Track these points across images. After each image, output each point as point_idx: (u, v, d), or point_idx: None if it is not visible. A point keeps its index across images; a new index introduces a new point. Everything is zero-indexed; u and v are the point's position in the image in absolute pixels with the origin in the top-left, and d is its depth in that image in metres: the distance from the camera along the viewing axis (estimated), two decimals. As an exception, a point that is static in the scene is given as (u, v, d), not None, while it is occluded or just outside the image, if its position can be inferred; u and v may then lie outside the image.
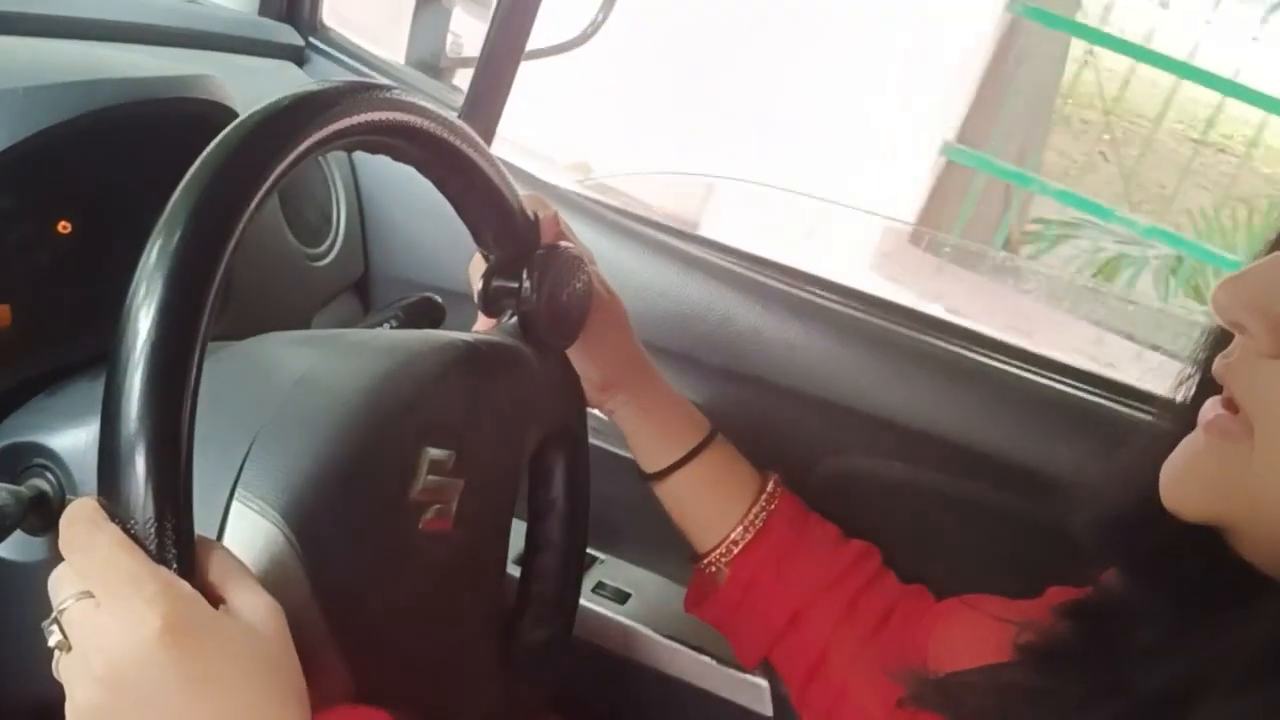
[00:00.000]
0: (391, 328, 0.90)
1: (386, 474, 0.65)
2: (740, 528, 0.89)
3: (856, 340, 1.01)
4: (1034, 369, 0.99)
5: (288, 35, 1.16)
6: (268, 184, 0.53)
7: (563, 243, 0.81)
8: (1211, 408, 0.53)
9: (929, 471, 1.00)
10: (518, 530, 0.85)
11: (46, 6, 0.85)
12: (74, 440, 0.66)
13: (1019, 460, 0.96)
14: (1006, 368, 0.99)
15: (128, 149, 0.73)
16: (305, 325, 0.99)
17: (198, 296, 0.49)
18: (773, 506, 0.90)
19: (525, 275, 0.78)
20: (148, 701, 0.47)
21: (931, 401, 0.99)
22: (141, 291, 0.48)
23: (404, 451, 0.66)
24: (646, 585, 1.11)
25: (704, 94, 4.29)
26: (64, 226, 0.75)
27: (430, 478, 0.67)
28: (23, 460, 0.67)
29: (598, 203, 1.11)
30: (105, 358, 0.48)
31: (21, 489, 0.63)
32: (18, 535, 0.63)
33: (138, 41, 0.92)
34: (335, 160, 1.07)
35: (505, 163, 0.77)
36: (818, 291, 1.05)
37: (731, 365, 1.04)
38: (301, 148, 0.55)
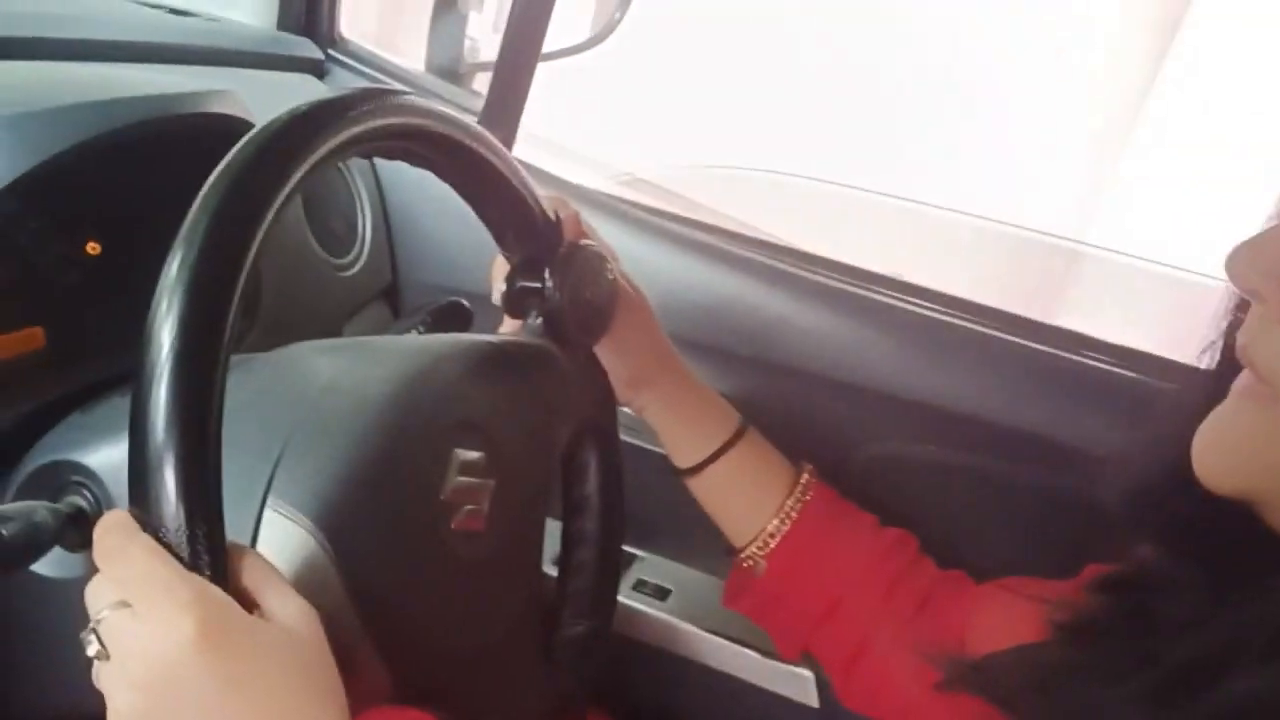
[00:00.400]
0: (419, 333, 0.91)
1: (416, 476, 0.65)
2: (775, 520, 0.89)
3: (884, 324, 1.01)
4: (1061, 345, 0.98)
5: (307, 49, 1.17)
6: (285, 192, 0.53)
7: (585, 241, 0.81)
8: (1247, 376, 0.53)
9: (964, 453, 0.99)
10: (555, 529, 0.85)
11: (66, 30, 0.86)
12: (109, 456, 0.67)
13: (1052, 436, 0.95)
14: (1033, 345, 0.99)
15: (151, 167, 0.74)
16: (335, 335, 1.00)
17: (219, 305, 0.49)
18: (807, 497, 0.90)
19: (548, 275, 0.78)
20: (186, 705, 0.47)
21: (962, 382, 0.98)
22: (164, 304, 0.49)
23: (433, 453, 0.66)
24: (687, 581, 1.11)
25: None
26: (93, 246, 0.76)
27: (461, 478, 0.67)
28: (60, 478, 0.68)
29: (621, 200, 1.11)
30: None
31: (59, 506, 0.64)
32: (57, 551, 0.64)
33: (159, 61, 0.93)
34: (359, 169, 1.08)
35: (525, 164, 0.77)
36: (843, 278, 1.05)
37: (762, 355, 1.03)
38: (316, 155, 0.55)
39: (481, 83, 1.33)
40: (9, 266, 0.72)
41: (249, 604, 0.50)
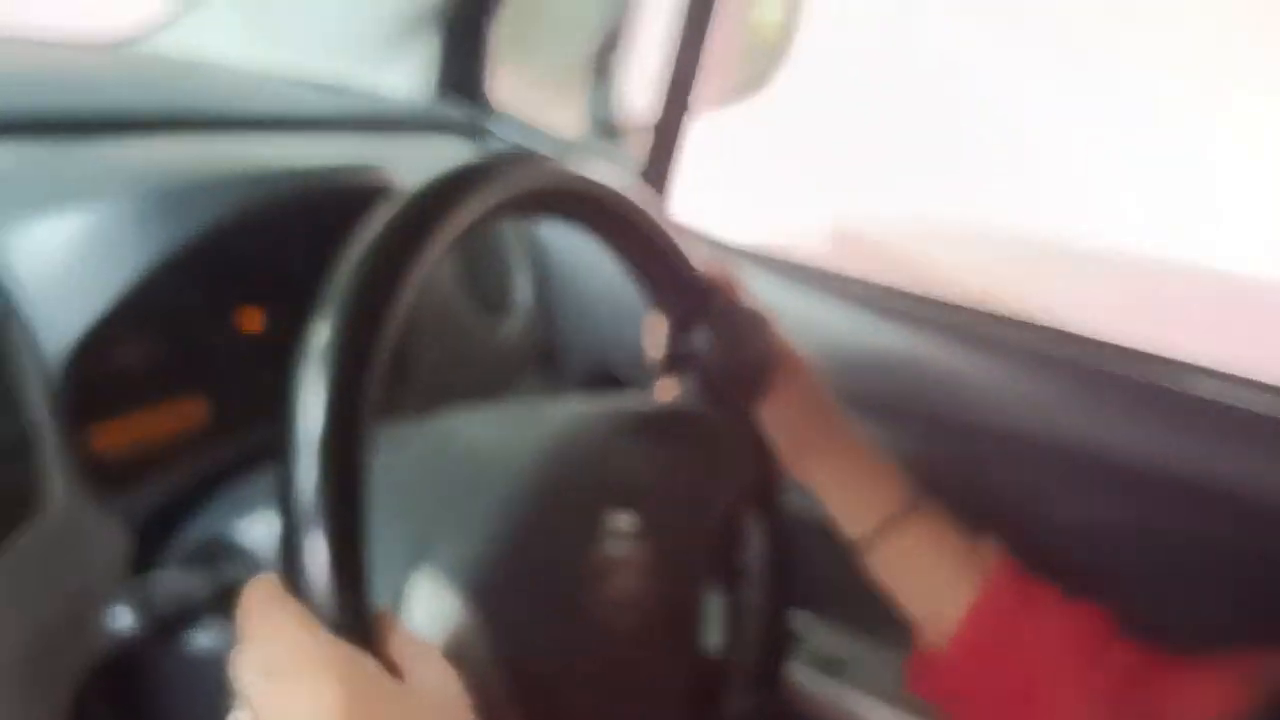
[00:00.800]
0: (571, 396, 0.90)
1: (566, 540, 0.64)
2: (956, 599, 0.83)
3: (1068, 379, 0.96)
4: (1259, 398, 0.91)
5: (461, 113, 1.19)
6: (427, 259, 0.53)
7: (740, 301, 0.79)
8: None
9: (1158, 516, 0.93)
10: (715, 598, 0.82)
11: (220, 104, 0.89)
12: (263, 528, 0.68)
13: (1254, 496, 0.88)
14: (1229, 400, 0.92)
15: (303, 238, 0.75)
16: (492, 400, 1.00)
17: (355, 379, 0.49)
18: (990, 573, 0.84)
19: (702, 336, 0.76)
20: None
21: (1153, 440, 0.92)
22: (305, 369, 0.49)
23: (583, 517, 0.65)
24: (862, 652, 1.07)
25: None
26: (253, 318, 0.78)
27: (613, 543, 0.66)
28: (216, 549, 0.69)
29: (778, 258, 1.09)
30: None
31: (214, 576, 0.64)
32: (210, 623, 0.65)
33: (315, 131, 0.95)
34: (516, 230, 1.09)
35: (678, 223, 0.76)
36: (1018, 332, 1.00)
37: (935, 413, 1.00)
38: (457, 221, 0.55)
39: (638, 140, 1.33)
40: (171, 339, 0.74)
41: (395, 671, 0.49)
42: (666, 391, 0.80)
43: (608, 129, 1.28)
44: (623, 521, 0.67)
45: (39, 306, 0.66)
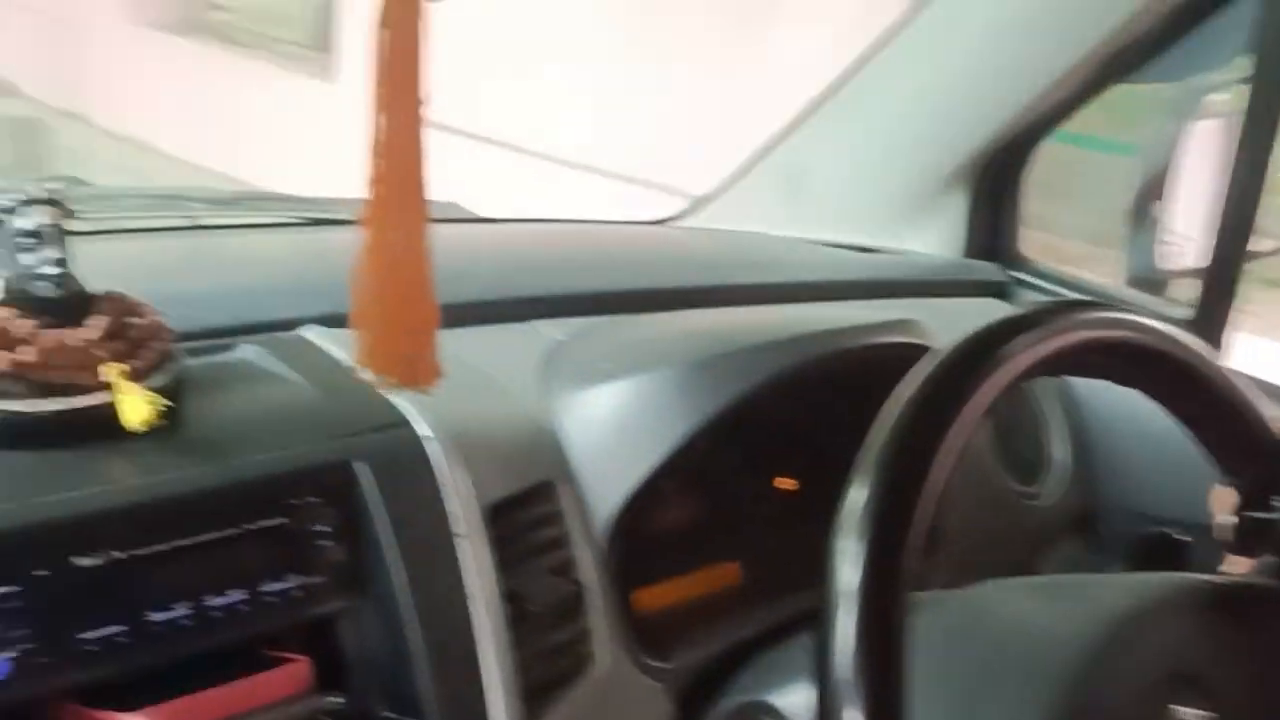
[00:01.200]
0: (1122, 569, 0.83)
1: None
2: None
3: None
4: None
5: (990, 273, 1.17)
6: (969, 418, 0.51)
7: None
8: None
9: None
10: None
11: (755, 276, 0.93)
12: (800, 698, 0.67)
13: None
14: None
15: (836, 399, 0.76)
16: (1023, 570, 0.95)
17: (899, 538, 0.48)
18: None
19: None
20: None
21: None
22: (843, 538, 0.48)
23: (1144, 709, 0.59)
24: None
25: None
26: (785, 481, 0.78)
27: None
28: (755, 717, 0.68)
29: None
30: None
31: None
32: None
33: (843, 298, 0.97)
34: (1048, 389, 1.04)
35: (1245, 377, 0.68)
36: None
37: None
38: (1000, 378, 0.53)
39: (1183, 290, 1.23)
40: (707, 503, 0.76)
41: None
42: (1238, 568, 0.71)
43: (1149, 280, 1.20)
44: (1192, 716, 0.59)
45: (588, 471, 0.71)
